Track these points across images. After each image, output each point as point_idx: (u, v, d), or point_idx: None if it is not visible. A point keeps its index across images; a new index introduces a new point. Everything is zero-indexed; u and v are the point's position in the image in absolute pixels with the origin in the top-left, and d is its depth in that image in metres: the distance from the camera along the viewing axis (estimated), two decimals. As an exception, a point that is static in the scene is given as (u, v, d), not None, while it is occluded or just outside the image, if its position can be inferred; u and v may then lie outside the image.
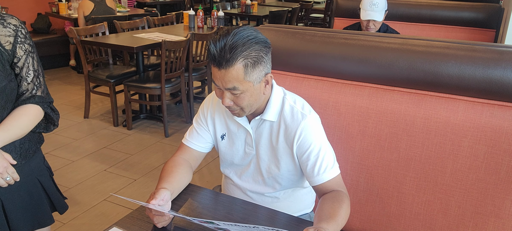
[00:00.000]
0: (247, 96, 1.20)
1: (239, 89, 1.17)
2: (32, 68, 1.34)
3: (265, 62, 1.20)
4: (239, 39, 1.13)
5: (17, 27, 1.31)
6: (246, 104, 1.22)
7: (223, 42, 1.13)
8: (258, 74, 1.18)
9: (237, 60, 1.13)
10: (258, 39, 1.16)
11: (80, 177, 3.07)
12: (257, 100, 1.24)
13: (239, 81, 1.16)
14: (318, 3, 9.04)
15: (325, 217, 1.12)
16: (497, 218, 1.31)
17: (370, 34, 1.53)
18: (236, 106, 1.23)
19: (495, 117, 1.28)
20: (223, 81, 1.16)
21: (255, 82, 1.19)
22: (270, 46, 1.22)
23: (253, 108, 1.26)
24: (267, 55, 1.20)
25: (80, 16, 5.10)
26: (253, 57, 1.15)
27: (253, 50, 1.15)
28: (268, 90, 1.26)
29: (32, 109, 1.33)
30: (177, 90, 3.97)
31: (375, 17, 2.66)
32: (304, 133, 1.27)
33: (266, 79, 1.23)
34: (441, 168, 1.36)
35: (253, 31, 1.17)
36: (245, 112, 1.25)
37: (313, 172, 1.27)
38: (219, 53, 1.13)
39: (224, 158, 1.46)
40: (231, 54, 1.12)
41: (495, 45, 1.32)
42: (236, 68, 1.14)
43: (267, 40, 1.21)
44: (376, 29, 2.74)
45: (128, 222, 1.21)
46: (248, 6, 6.34)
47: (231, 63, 1.13)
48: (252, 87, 1.19)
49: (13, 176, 1.29)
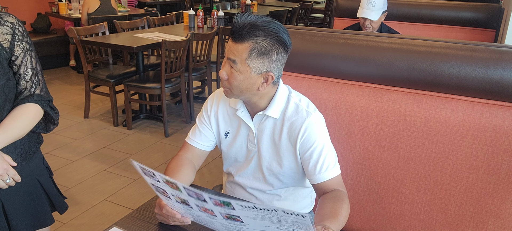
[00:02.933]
0: (239, 78, 1.21)
1: (237, 67, 1.20)
2: (30, 66, 1.33)
3: (272, 59, 1.21)
4: (262, 25, 1.18)
5: (14, 25, 1.30)
6: (236, 85, 1.22)
7: (248, 19, 1.18)
8: (259, 65, 1.19)
9: (249, 40, 1.17)
10: (278, 36, 1.19)
11: (80, 177, 3.07)
12: (248, 89, 1.24)
13: (241, 59, 1.19)
14: (318, 3, 9.04)
15: (327, 217, 1.12)
16: (497, 218, 1.31)
17: (370, 34, 1.53)
18: (227, 84, 1.24)
19: (495, 117, 1.28)
20: (229, 50, 1.21)
21: (253, 71, 1.20)
22: (288, 50, 1.24)
23: (242, 95, 1.26)
24: (278, 55, 1.21)
25: (84, 13, 5.09)
26: (263, 46, 1.18)
27: (267, 42, 1.18)
28: (264, 88, 1.25)
29: (31, 108, 1.33)
30: (177, 90, 3.97)
31: (370, 16, 2.66)
32: (309, 131, 1.27)
33: (265, 76, 1.23)
34: (441, 168, 1.36)
35: (281, 29, 1.20)
36: (232, 93, 1.26)
37: (315, 170, 1.27)
38: (239, 26, 1.18)
39: (227, 156, 1.46)
40: (247, 32, 1.17)
41: (495, 45, 1.32)
42: (244, 46, 1.18)
43: (288, 44, 1.22)
44: (373, 29, 2.74)
45: (128, 222, 1.21)
46: (248, 6, 6.34)
47: (243, 39, 1.17)
48: (249, 73, 1.20)
49: (14, 178, 1.29)
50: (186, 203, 1.06)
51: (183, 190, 1.01)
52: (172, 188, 1.04)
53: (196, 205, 1.04)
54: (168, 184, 1.03)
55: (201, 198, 1.00)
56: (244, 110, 1.35)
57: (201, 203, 1.01)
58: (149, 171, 1.03)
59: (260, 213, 0.94)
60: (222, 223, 1.06)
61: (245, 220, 1.00)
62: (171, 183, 1.02)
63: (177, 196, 1.06)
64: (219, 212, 1.01)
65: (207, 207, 1.01)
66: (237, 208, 0.95)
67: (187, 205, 1.07)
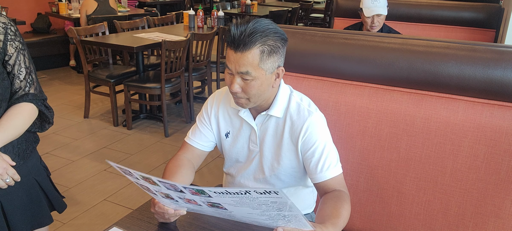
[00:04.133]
0: (257, 84, 1.20)
1: (251, 75, 1.18)
2: (24, 65, 1.34)
3: (280, 53, 1.22)
4: (259, 26, 1.17)
5: (6, 24, 1.31)
6: (254, 93, 1.21)
7: (244, 27, 1.16)
8: (272, 63, 1.20)
9: (255, 45, 1.16)
10: (276, 30, 1.20)
11: (80, 177, 3.07)
12: (265, 91, 1.24)
13: (253, 67, 1.17)
14: (318, 3, 9.03)
15: (328, 217, 1.13)
16: (497, 218, 1.31)
17: (370, 34, 1.53)
18: (243, 95, 1.23)
19: (495, 117, 1.28)
20: (237, 64, 1.18)
21: (267, 72, 1.20)
22: (287, 40, 1.24)
23: (260, 100, 1.26)
24: (283, 47, 1.23)
25: (83, 15, 5.10)
26: (270, 45, 1.17)
27: (271, 39, 1.18)
28: (277, 84, 1.27)
29: (26, 108, 1.33)
30: (177, 90, 3.97)
31: (382, 11, 2.66)
32: (310, 130, 1.28)
33: (277, 72, 1.24)
34: (441, 168, 1.36)
35: (273, 22, 1.21)
36: (250, 102, 1.25)
37: (316, 169, 1.28)
38: (239, 36, 1.15)
39: (228, 156, 1.46)
40: (250, 38, 1.15)
41: (495, 45, 1.32)
42: (253, 52, 1.16)
43: (284, 34, 1.23)
44: (380, 26, 2.74)
45: (128, 222, 1.21)
46: (248, 6, 6.34)
47: (249, 47, 1.15)
48: (264, 76, 1.20)
49: (14, 177, 1.29)
50: (170, 197, 1.07)
51: (159, 184, 1.02)
52: (151, 184, 1.04)
53: (179, 197, 1.05)
54: (146, 180, 1.03)
55: (177, 189, 1.01)
56: (246, 111, 1.35)
57: (181, 194, 1.02)
58: (126, 170, 1.03)
59: (236, 199, 0.94)
60: (211, 211, 1.07)
61: (228, 208, 1.01)
62: (147, 178, 1.02)
63: (160, 191, 1.06)
64: (200, 201, 1.02)
65: (188, 197, 1.02)
66: (213, 195, 0.96)
67: (172, 199, 1.07)
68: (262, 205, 0.94)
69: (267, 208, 0.95)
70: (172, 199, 1.07)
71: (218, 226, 1.17)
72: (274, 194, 0.88)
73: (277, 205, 0.93)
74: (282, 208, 0.93)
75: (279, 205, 0.92)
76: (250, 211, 0.99)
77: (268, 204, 0.93)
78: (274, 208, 0.94)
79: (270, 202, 0.92)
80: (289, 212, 0.95)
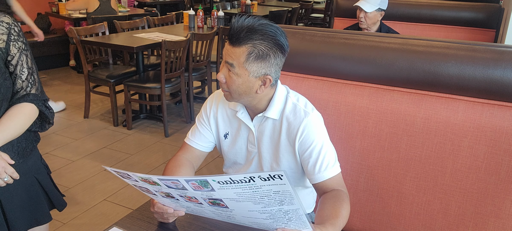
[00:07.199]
0: (238, 82, 1.21)
1: (235, 71, 1.19)
2: (26, 66, 1.34)
3: (270, 62, 1.20)
4: (260, 28, 1.17)
5: (10, 25, 1.31)
6: (235, 89, 1.22)
7: (245, 22, 1.17)
8: (257, 68, 1.19)
9: (246, 44, 1.16)
10: (276, 40, 1.19)
11: (80, 177, 3.07)
12: (248, 93, 1.24)
13: (238, 63, 1.18)
14: (318, 3, 9.03)
15: (327, 218, 1.13)
16: (497, 218, 1.31)
17: (370, 34, 1.53)
18: (226, 86, 1.24)
19: (495, 117, 1.28)
20: (227, 54, 1.20)
21: (251, 74, 1.20)
22: (285, 53, 1.23)
23: (241, 99, 1.26)
24: (276, 58, 1.21)
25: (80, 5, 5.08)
26: (260, 50, 1.17)
27: (264, 45, 1.17)
28: (262, 91, 1.25)
29: (27, 108, 1.34)
30: (177, 90, 3.98)
31: (364, 6, 2.66)
32: (307, 130, 1.27)
33: (263, 79, 1.22)
34: (441, 168, 1.36)
35: (278, 31, 1.19)
36: (232, 97, 1.26)
37: (314, 170, 1.27)
38: (236, 30, 1.17)
39: (227, 157, 1.46)
40: (244, 35, 1.16)
41: (495, 45, 1.32)
42: (242, 50, 1.17)
43: (285, 47, 1.22)
44: (367, 24, 2.74)
45: (128, 222, 1.22)
46: (248, 6, 6.34)
47: (240, 43, 1.17)
48: (247, 77, 1.20)
49: (13, 176, 1.30)
50: (170, 195, 1.06)
51: (160, 182, 1.01)
52: (151, 184, 1.04)
53: (180, 195, 1.04)
54: (145, 181, 1.03)
55: (179, 186, 1.00)
56: (244, 112, 1.35)
57: (183, 191, 1.01)
58: (124, 173, 1.03)
59: (239, 190, 0.93)
60: (211, 210, 1.07)
61: (229, 205, 1.00)
62: (147, 179, 1.02)
63: (160, 191, 1.06)
64: (202, 197, 1.01)
65: (189, 195, 1.02)
66: (216, 187, 0.95)
67: (172, 197, 1.07)
68: (265, 197, 0.93)
69: (269, 201, 0.94)
70: (172, 197, 1.07)
71: (218, 226, 1.17)
72: (278, 179, 0.87)
73: (279, 196, 0.92)
74: (284, 200, 0.92)
75: (282, 196, 0.91)
76: (251, 207, 0.98)
77: (271, 196, 0.92)
78: (276, 202, 0.93)
79: (272, 192, 0.91)
80: (290, 205, 0.94)
